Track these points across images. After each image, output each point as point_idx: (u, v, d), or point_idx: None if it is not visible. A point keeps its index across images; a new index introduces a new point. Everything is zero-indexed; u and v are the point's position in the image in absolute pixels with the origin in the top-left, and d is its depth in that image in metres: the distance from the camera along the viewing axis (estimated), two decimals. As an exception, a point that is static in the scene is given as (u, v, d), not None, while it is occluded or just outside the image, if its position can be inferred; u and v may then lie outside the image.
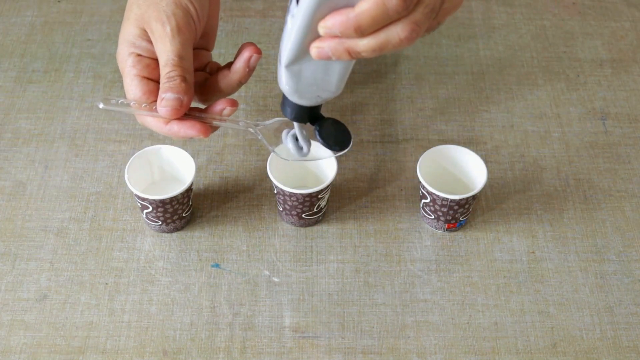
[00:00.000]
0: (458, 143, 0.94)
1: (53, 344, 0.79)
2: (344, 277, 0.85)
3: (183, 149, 0.87)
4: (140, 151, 0.87)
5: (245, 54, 0.75)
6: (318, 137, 0.72)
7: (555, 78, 1.05)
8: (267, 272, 0.85)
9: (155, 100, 0.73)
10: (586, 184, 0.93)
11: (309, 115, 0.70)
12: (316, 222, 0.89)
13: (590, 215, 0.91)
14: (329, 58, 0.61)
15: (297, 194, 0.83)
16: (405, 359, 0.79)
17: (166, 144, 0.91)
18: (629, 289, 0.85)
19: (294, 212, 0.86)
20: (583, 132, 0.99)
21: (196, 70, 0.78)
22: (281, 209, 0.87)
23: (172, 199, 0.83)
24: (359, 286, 0.84)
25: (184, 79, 0.72)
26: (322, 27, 0.59)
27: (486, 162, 0.87)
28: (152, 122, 0.74)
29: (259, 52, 0.75)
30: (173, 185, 0.89)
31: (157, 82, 0.74)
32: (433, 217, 0.87)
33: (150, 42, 0.74)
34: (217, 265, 0.85)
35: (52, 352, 0.79)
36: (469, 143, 0.97)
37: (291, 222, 0.88)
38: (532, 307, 0.83)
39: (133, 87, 0.73)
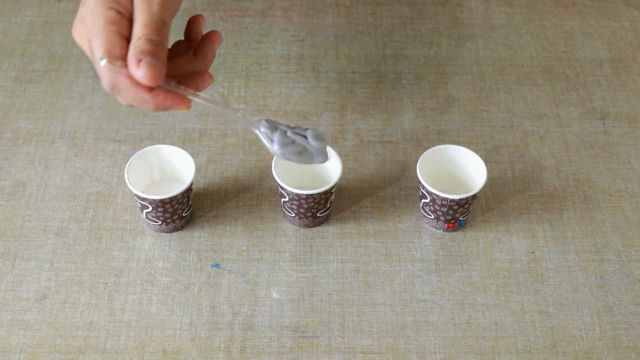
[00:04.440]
0: (458, 143, 0.94)
1: (53, 344, 0.79)
2: (343, 277, 0.85)
3: (183, 148, 0.87)
4: (140, 151, 0.87)
5: (214, 37, 0.74)
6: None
7: (555, 78, 1.05)
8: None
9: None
10: (586, 184, 0.93)
11: None
12: (327, 218, 0.89)
13: (590, 215, 0.91)
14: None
15: (314, 194, 0.83)
16: (405, 359, 0.79)
17: (166, 144, 0.91)
18: (628, 288, 0.85)
19: (309, 214, 0.86)
20: (583, 132, 0.99)
21: None
22: (293, 215, 0.87)
23: (172, 199, 0.83)
24: (358, 286, 0.84)
25: (163, 47, 0.67)
26: None
27: (486, 162, 0.87)
28: (131, 88, 0.67)
29: (221, 38, 0.75)
30: (173, 185, 0.89)
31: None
32: (433, 217, 0.87)
33: (131, 2, 0.68)
34: (217, 265, 0.85)
35: (52, 352, 0.79)
36: (469, 143, 0.97)
37: (305, 225, 0.88)
38: (532, 307, 0.83)
39: (115, 45, 0.66)
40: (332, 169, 0.87)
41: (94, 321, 0.81)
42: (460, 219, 0.87)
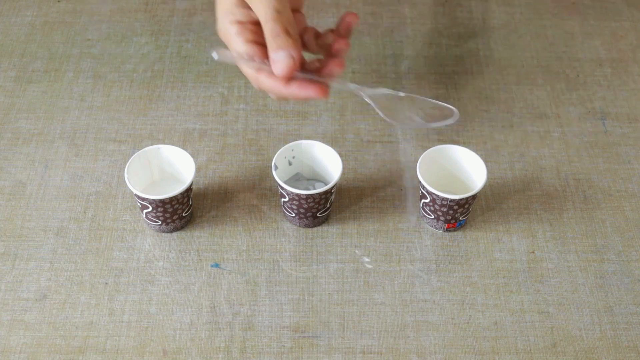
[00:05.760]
0: (458, 143, 0.94)
1: (53, 344, 0.79)
2: (343, 277, 0.85)
3: (183, 148, 0.87)
4: (140, 151, 0.87)
5: (348, 18, 0.79)
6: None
7: (555, 78, 1.05)
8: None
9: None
10: (586, 184, 0.93)
11: None
12: (327, 218, 0.89)
13: (590, 215, 0.91)
14: None
15: (314, 194, 0.83)
16: (405, 359, 0.79)
17: (166, 143, 0.91)
18: (628, 288, 0.85)
19: (309, 214, 0.86)
20: (583, 132, 0.99)
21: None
22: (293, 215, 0.87)
23: (172, 199, 0.83)
24: (358, 286, 0.84)
25: (287, 33, 0.72)
26: None
27: (486, 162, 0.87)
28: (269, 83, 0.74)
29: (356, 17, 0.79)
30: (173, 185, 0.89)
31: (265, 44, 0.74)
32: (433, 217, 0.87)
33: (247, 7, 0.74)
34: (217, 265, 0.86)
35: (52, 352, 0.79)
36: (469, 143, 0.97)
37: (305, 225, 0.88)
38: (531, 307, 0.83)
39: (245, 52, 0.74)
40: (332, 169, 0.87)
41: (94, 321, 0.81)
42: (460, 219, 0.87)
